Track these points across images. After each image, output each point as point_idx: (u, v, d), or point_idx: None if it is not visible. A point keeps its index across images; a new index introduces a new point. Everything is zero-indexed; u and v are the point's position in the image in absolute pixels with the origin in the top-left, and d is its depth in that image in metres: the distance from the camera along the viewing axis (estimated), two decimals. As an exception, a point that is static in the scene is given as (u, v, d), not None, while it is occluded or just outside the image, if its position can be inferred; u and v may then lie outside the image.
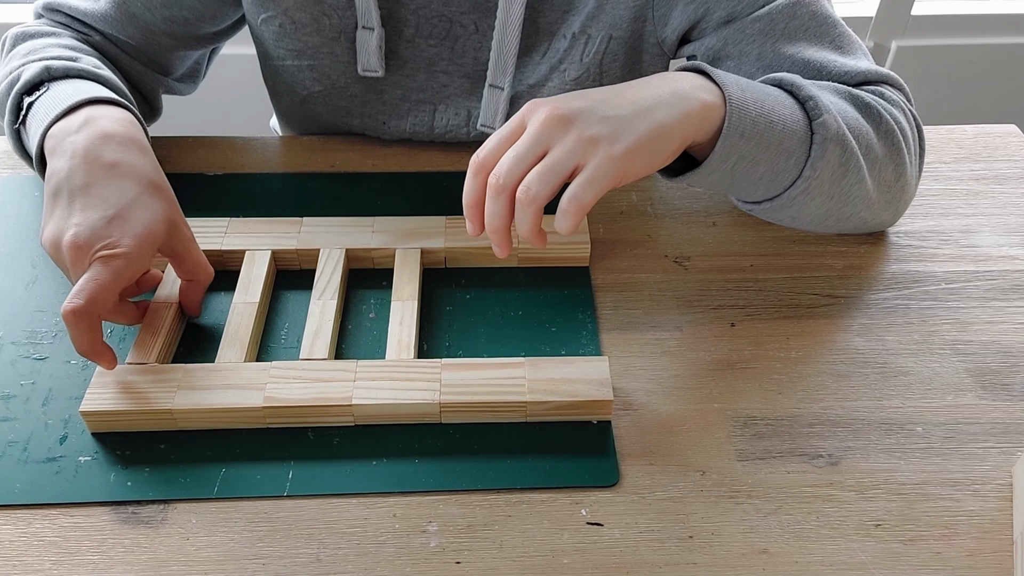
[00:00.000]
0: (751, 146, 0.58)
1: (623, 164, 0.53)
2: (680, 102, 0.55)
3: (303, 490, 0.55)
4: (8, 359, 0.63)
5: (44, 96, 0.66)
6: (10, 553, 0.52)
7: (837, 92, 0.65)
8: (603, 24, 0.73)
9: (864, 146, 0.63)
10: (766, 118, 0.58)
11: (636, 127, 0.53)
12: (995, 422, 0.60)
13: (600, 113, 0.53)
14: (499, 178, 0.53)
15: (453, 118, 0.80)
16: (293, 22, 0.75)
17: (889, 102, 0.68)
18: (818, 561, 0.52)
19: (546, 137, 0.52)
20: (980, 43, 1.67)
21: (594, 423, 0.59)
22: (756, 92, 0.59)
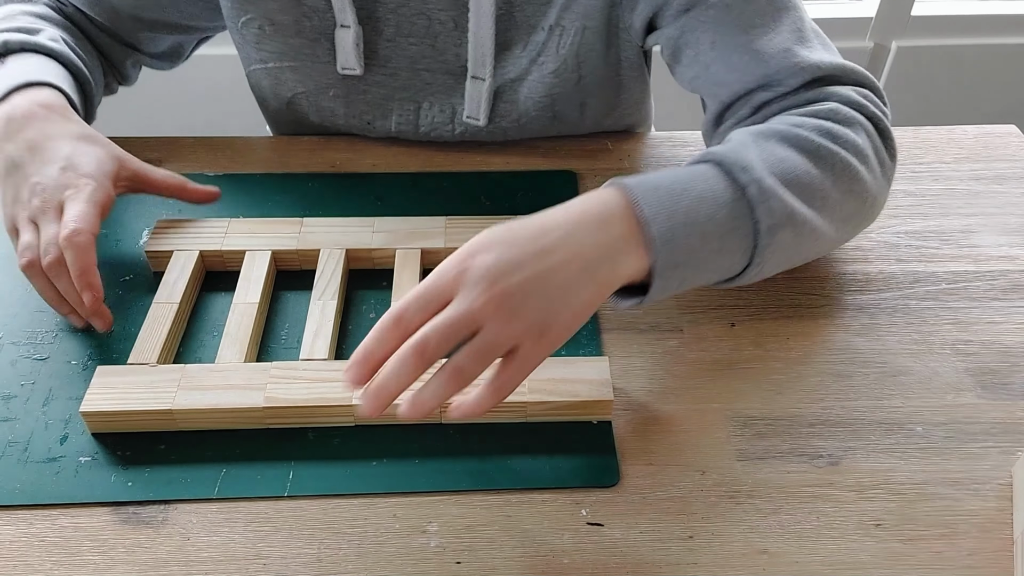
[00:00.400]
0: (690, 269, 0.55)
1: (551, 349, 0.52)
2: (608, 272, 0.53)
3: (303, 490, 0.55)
4: (8, 359, 0.63)
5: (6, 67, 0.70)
6: (10, 553, 0.52)
7: (783, 139, 0.60)
8: (576, 15, 0.73)
9: (818, 200, 0.59)
10: (700, 237, 0.54)
11: (566, 313, 0.52)
12: (995, 422, 0.60)
13: (535, 300, 0.50)
14: (426, 347, 0.49)
15: (438, 115, 0.80)
16: (273, 24, 0.76)
17: (844, 122, 0.63)
18: (818, 561, 0.52)
19: (481, 318, 0.49)
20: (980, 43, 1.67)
21: (594, 423, 0.59)
22: (686, 209, 0.54)
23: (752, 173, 0.56)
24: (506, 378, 0.51)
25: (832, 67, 0.66)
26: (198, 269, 0.68)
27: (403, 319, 0.50)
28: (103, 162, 0.65)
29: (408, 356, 0.49)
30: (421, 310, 0.50)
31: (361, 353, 0.50)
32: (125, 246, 0.72)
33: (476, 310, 0.49)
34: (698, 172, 0.57)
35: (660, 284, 0.54)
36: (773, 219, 0.56)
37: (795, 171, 0.58)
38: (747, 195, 0.56)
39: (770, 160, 0.58)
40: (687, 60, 0.71)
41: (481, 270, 0.50)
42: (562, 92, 0.77)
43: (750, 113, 0.69)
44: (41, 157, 0.63)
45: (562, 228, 0.53)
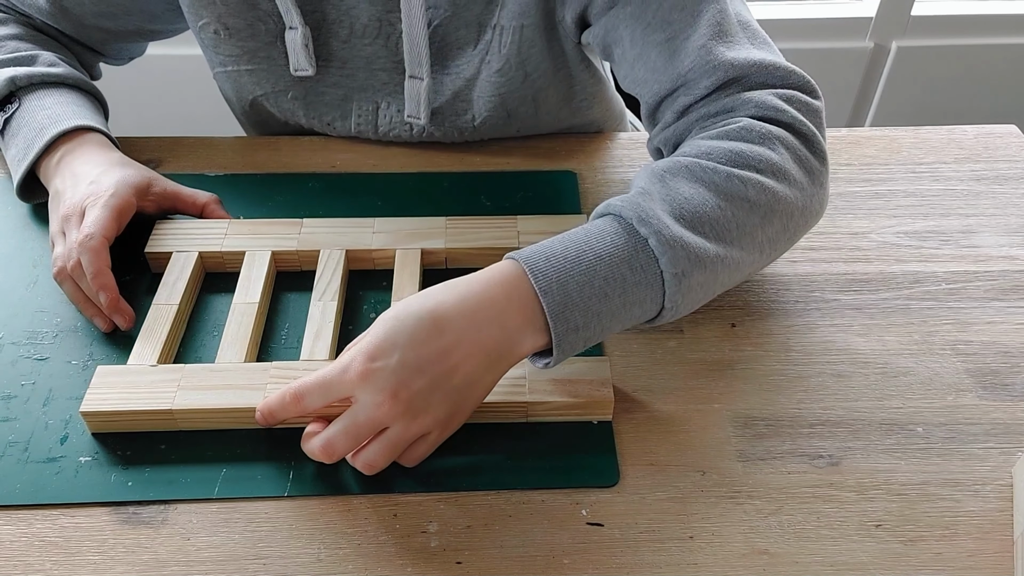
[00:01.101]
0: (594, 328, 0.55)
1: (457, 427, 0.56)
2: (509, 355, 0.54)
3: (304, 490, 0.55)
4: (8, 359, 0.63)
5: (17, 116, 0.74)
6: (11, 553, 0.52)
7: (690, 175, 0.59)
8: (513, 13, 0.73)
9: (732, 234, 0.58)
10: (599, 298, 0.54)
11: (470, 401, 0.55)
12: (995, 422, 0.60)
13: (438, 398, 0.53)
14: (332, 450, 0.53)
15: (395, 115, 0.81)
16: (227, 28, 0.76)
17: (758, 140, 0.61)
18: (818, 561, 0.52)
19: (388, 421, 0.53)
20: (980, 43, 1.67)
21: (594, 423, 0.59)
22: (582, 274, 0.54)
23: (652, 224, 0.55)
24: (418, 454, 0.55)
25: (748, 65, 0.64)
26: (197, 270, 0.68)
27: (303, 399, 0.54)
28: (128, 176, 0.69)
29: (317, 453, 0.54)
30: (323, 398, 0.54)
31: (267, 407, 0.56)
32: (125, 247, 0.72)
33: (383, 415, 0.52)
34: (595, 231, 0.56)
35: (561, 349, 0.54)
36: (678, 267, 0.55)
37: (702, 210, 0.57)
38: (648, 246, 0.55)
39: (675, 202, 0.57)
40: (616, 58, 0.70)
41: (384, 376, 0.52)
42: (509, 90, 0.77)
43: (674, 118, 0.67)
44: (75, 181, 0.69)
45: (461, 321, 0.53)
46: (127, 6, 0.79)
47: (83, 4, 0.78)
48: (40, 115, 0.73)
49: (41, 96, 0.74)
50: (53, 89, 0.75)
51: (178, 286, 0.66)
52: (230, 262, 0.69)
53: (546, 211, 0.74)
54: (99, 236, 0.64)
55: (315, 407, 0.54)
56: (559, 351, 0.54)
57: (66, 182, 0.69)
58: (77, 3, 0.78)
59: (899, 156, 0.83)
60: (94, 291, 0.64)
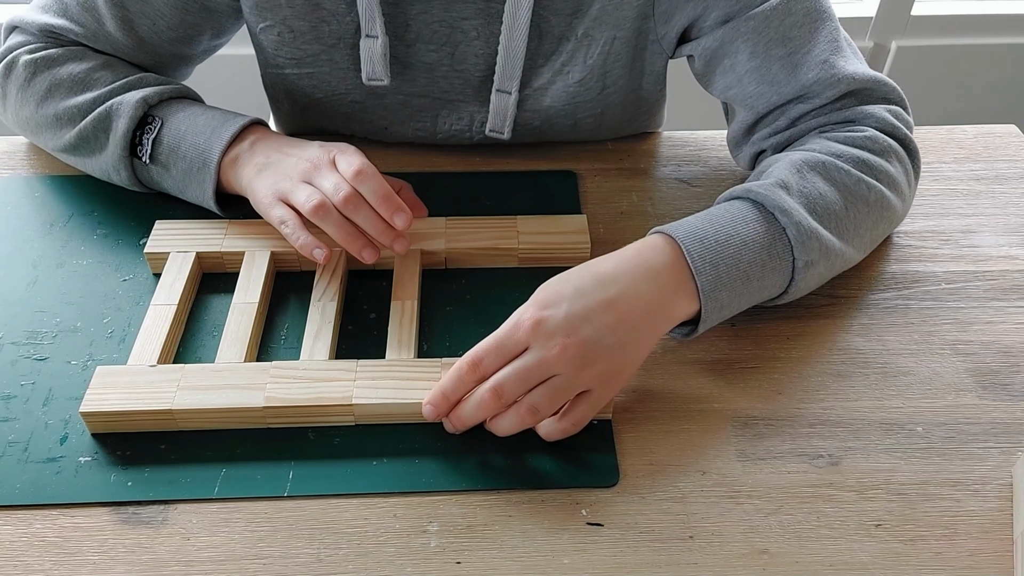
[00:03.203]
0: (732, 307, 0.61)
1: (619, 389, 0.58)
2: (663, 320, 0.58)
3: (303, 490, 0.55)
4: (8, 359, 0.63)
5: (167, 130, 0.71)
6: (10, 553, 0.52)
7: (823, 173, 0.64)
8: (607, 25, 0.73)
9: (851, 233, 0.64)
10: (743, 280, 0.60)
11: (632, 358, 0.57)
12: (995, 422, 0.60)
13: (604, 350, 0.55)
14: (501, 392, 0.55)
15: (456, 123, 0.80)
16: (291, 31, 0.75)
17: (880, 152, 0.67)
18: (818, 561, 0.52)
19: (557, 367, 0.54)
20: (980, 43, 1.67)
21: (594, 423, 0.59)
22: (731, 257, 0.59)
23: (791, 216, 0.61)
24: (581, 415, 0.56)
25: (866, 80, 0.69)
26: (195, 270, 0.68)
27: (480, 365, 0.55)
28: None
29: (487, 397, 0.55)
30: (499, 359, 0.55)
31: (440, 392, 0.56)
32: (125, 247, 0.72)
33: (553, 359, 0.54)
34: (739, 215, 0.61)
35: (706, 324, 0.60)
36: (809, 256, 0.61)
37: (832, 208, 0.63)
38: (787, 236, 0.61)
39: (810, 196, 0.63)
40: (722, 70, 0.72)
41: (555, 323, 0.55)
42: (584, 101, 0.77)
43: (786, 125, 0.71)
44: (289, 152, 0.69)
45: (623, 279, 0.57)
46: (200, 25, 0.77)
47: (159, 32, 0.75)
48: (199, 121, 0.71)
49: (181, 107, 0.73)
50: (185, 100, 0.74)
51: (176, 286, 0.66)
52: (229, 262, 0.69)
53: (546, 211, 0.74)
54: (371, 167, 0.65)
55: (493, 369, 0.55)
56: (704, 325, 0.60)
57: (271, 155, 0.69)
58: (153, 32, 0.75)
59: (899, 156, 0.83)
60: (378, 218, 0.64)
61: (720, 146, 0.84)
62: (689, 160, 0.82)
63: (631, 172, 0.81)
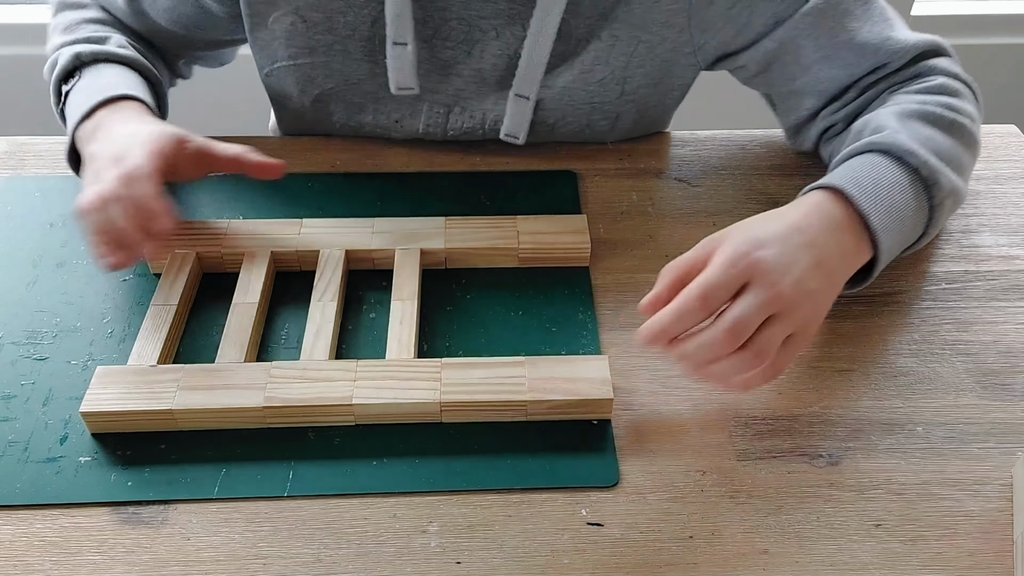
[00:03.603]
0: (895, 252, 0.64)
1: (813, 335, 0.59)
2: (845, 269, 0.61)
3: (303, 490, 0.55)
4: (8, 359, 0.63)
5: (75, 87, 0.73)
6: (10, 553, 0.52)
7: (922, 118, 0.67)
8: (633, 27, 0.73)
9: (961, 168, 0.68)
10: (900, 221, 0.62)
11: (824, 304, 0.58)
12: (995, 422, 0.60)
13: (809, 289, 0.56)
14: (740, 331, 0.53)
15: (468, 120, 0.80)
16: (304, 20, 0.75)
17: (955, 93, 0.70)
18: (818, 561, 0.52)
19: (777, 306, 0.54)
20: (980, 43, 1.67)
21: (594, 423, 0.59)
22: (888, 201, 0.62)
23: (919, 156, 0.63)
24: (785, 360, 0.56)
25: (925, 43, 0.73)
26: (195, 270, 0.68)
27: (709, 300, 0.54)
28: (163, 133, 0.66)
29: (724, 337, 0.53)
30: (727, 291, 0.54)
31: (660, 327, 0.54)
32: (125, 246, 0.72)
33: (772, 299, 0.54)
34: (876, 163, 0.63)
35: (878, 268, 0.63)
36: (943, 193, 0.64)
37: (943, 147, 0.66)
38: (920, 176, 0.63)
39: (922, 139, 0.65)
40: (782, 65, 0.75)
41: (771, 263, 0.55)
42: (602, 103, 0.77)
43: (856, 95, 0.74)
44: (110, 140, 0.67)
45: (812, 228, 0.59)
46: (193, 17, 0.78)
47: (157, 10, 0.78)
48: (94, 85, 0.73)
49: (100, 70, 0.74)
50: (116, 66, 0.75)
51: (176, 287, 0.66)
52: (229, 262, 0.69)
53: (546, 211, 0.74)
54: (147, 167, 0.62)
55: (720, 302, 0.54)
56: (877, 270, 0.63)
57: (101, 143, 0.68)
58: (151, 6, 0.78)
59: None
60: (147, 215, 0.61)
61: (721, 146, 0.84)
62: (690, 160, 0.82)
63: (631, 172, 0.81)
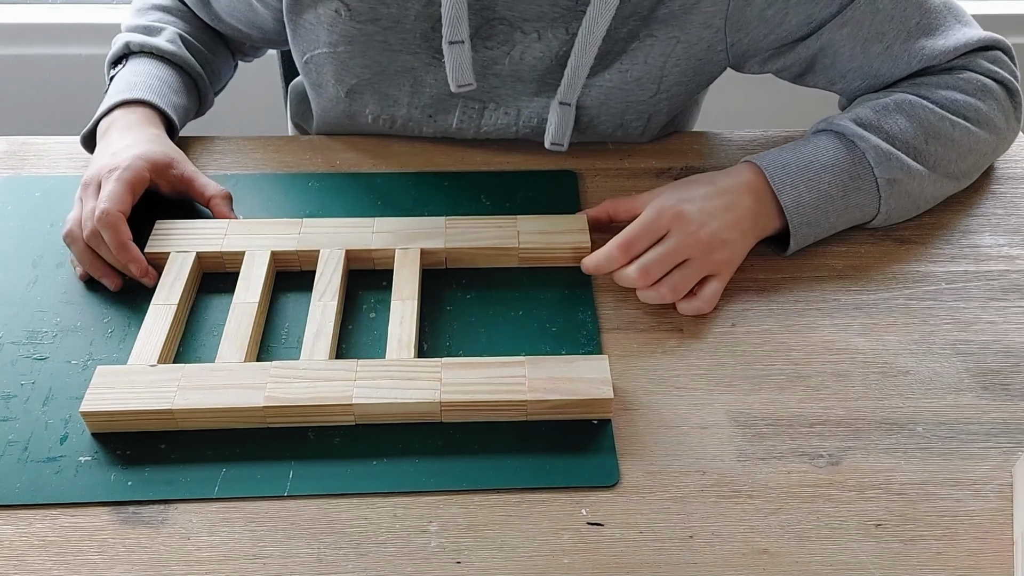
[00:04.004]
0: (823, 225, 0.71)
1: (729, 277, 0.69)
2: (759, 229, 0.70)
3: (303, 490, 0.55)
4: (8, 359, 0.63)
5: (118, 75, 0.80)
6: (10, 553, 0.52)
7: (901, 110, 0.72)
8: (672, 27, 0.73)
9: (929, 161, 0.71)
10: (826, 199, 0.70)
11: (738, 253, 0.69)
12: (995, 422, 0.60)
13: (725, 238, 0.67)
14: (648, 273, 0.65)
15: (502, 118, 0.80)
16: (348, 9, 0.75)
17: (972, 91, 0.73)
18: (818, 561, 0.52)
19: (692, 250, 0.66)
20: (980, 43, 1.67)
21: (594, 423, 0.59)
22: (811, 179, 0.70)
23: (869, 140, 0.70)
24: (712, 294, 0.67)
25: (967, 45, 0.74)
26: (195, 270, 0.68)
27: (631, 247, 0.66)
28: (149, 152, 0.71)
29: (635, 277, 0.66)
30: (647, 240, 0.66)
31: (594, 264, 0.67)
32: (125, 246, 0.72)
33: (688, 244, 0.66)
34: (820, 144, 0.71)
35: (797, 239, 0.70)
36: (891, 174, 0.70)
37: (910, 141, 0.71)
38: (866, 158, 0.70)
39: (888, 131, 0.71)
40: (821, 69, 0.77)
41: (691, 214, 0.67)
42: (637, 101, 0.77)
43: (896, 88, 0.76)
44: (104, 151, 0.72)
45: (732, 192, 0.69)
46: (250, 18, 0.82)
47: (220, 3, 0.83)
48: (128, 80, 0.78)
49: (141, 64, 0.79)
50: (155, 61, 0.80)
51: (176, 286, 0.66)
52: (230, 262, 0.69)
53: (546, 211, 0.74)
54: (114, 211, 0.66)
55: (641, 250, 0.66)
56: (795, 241, 0.70)
57: (99, 150, 0.73)
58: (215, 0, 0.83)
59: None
60: (120, 263, 0.67)
61: (721, 146, 0.84)
62: (690, 160, 0.82)
63: (631, 172, 0.81)
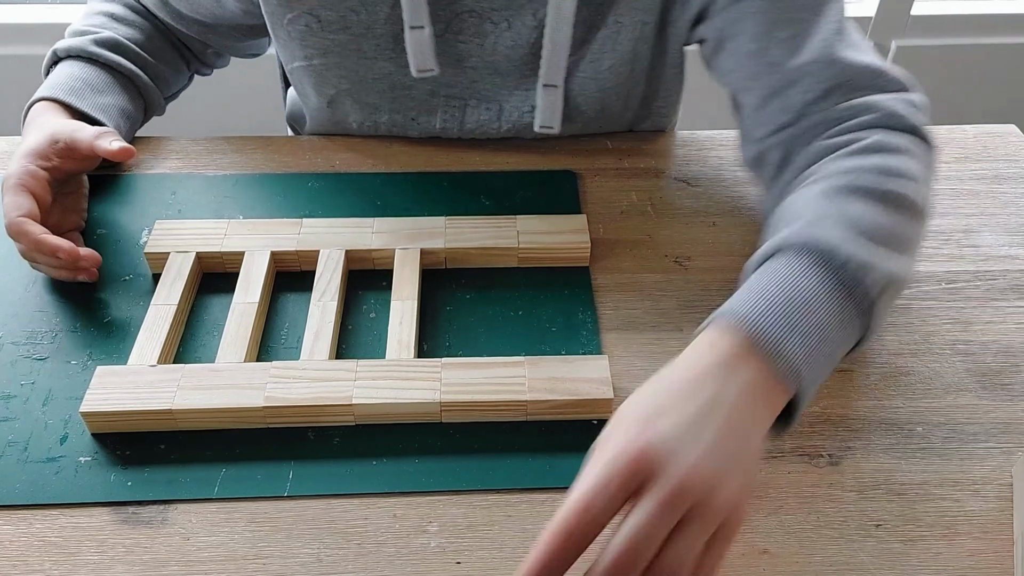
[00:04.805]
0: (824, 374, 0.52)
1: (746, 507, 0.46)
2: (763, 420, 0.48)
3: (303, 490, 0.55)
4: (8, 359, 0.63)
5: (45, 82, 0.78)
6: (10, 553, 0.52)
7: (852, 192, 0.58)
8: (637, 10, 0.73)
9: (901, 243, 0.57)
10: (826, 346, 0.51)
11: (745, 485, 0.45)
12: (995, 422, 0.60)
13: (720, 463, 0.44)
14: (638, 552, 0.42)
15: (484, 113, 0.80)
16: (319, 20, 0.75)
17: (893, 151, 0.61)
18: (818, 561, 0.52)
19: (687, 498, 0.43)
20: (980, 43, 1.67)
21: (594, 423, 0.59)
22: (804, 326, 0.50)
23: (840, 253, 0.53)
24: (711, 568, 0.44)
25: (863, 68, 0.65)
26: (195, 270, 0.68)
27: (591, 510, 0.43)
28: (30, 144, 0.70)
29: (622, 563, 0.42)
30: (612, 500, 0.43)
31: (538, 563, 0.43)
32: (125, 247, 0.72)
33: (678, 495, 0.42)
34: (790, 271, 0.53)
35: (805, 402, 0.51)
36: (876, 289, 0.53)
37: (878, 222, 0.56)
38: (846, 278, 0.52)
39: (849, 222, 0.55)
40: (728, 51, 0.70)
41: (664, 447, 0.43)
42: (614, 86, 0.78)
43: (791, 120, 0.67)
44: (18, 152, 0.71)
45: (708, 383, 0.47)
46: (215, 12, 0.81)
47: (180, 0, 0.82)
48: (45, 85, 0.77)
49: (65, 67, 0.78)
50: (80, 63, 0.78)
51: (176, 286, 0.66)
52: (229, 262, 0.69)
53: (546, 211, 0.74)
54: (13, 220, 0.65)
55: (608, 516, 0.43)
56: (805, 401, 0.50)
57: None
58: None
59: (899, 156, 0.83)
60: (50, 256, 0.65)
61: (720, 146, 0.84)
62: (689, 160, 0.82)
63: (631, 172, 0.81)
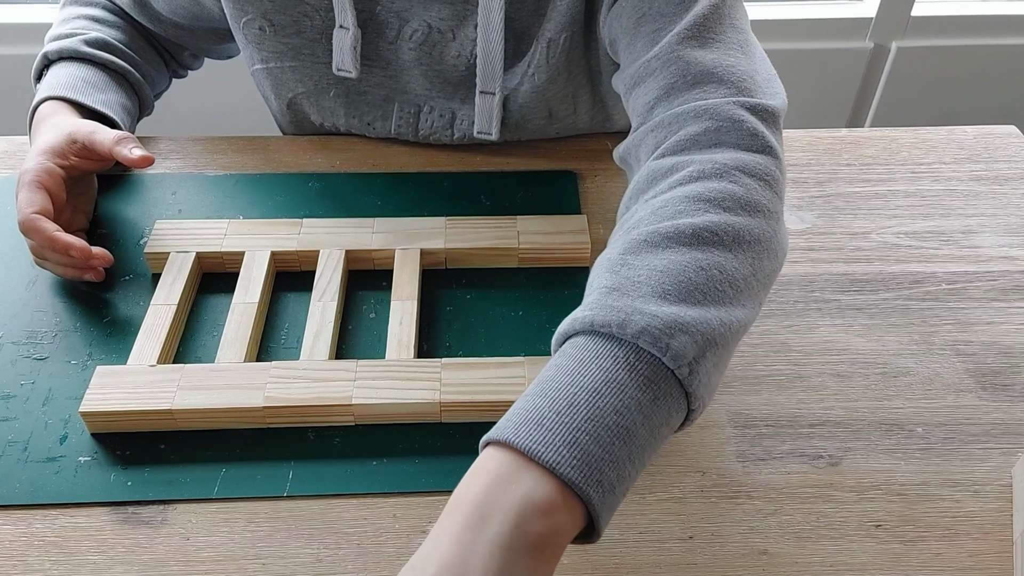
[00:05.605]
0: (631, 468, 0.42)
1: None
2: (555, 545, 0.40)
3: (303, 490, 0.55)
4: (8, 359, 0.63)
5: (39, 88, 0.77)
6: (10, 553, 0.52)
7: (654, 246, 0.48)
8: (563, 26, 0.73)
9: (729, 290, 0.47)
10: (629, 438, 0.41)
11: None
12: (995, 423, 0.60)
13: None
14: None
15: (437, 120, 0.81)
16: (272, 24, 0.76)
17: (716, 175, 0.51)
18: (818, 562, 0.52)
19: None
20: (980, 43, 1.67)
21: (594, 423, 0.59)
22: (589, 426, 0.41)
23: (634, 323, 0.43)
24: None
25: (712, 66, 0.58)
26: (195, 271, 0.68)
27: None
28: (47, 142, 0.70)
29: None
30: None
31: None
32: (125, 247, 0.72)
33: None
34: (578, 361, 0.43)
35: (606, 516, 0.41)
36: (687, 357, 0.43)
37: (685, 276, 0.46)
38: (644, 353, 0.43)
39: (651, 281, 0.46)
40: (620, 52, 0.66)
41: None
42: (554, 94, 0.78)
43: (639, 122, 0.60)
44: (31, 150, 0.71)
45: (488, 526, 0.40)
46: (195, 12, 0.81)
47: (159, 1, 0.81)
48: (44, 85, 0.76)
49: (61, 68, 0.78)
50: (75, 63, 0.78)
51: (176, 286, 0.66)
52: (229, 262, 0.69)
53: (546, 211, 0.74)
54: (28, 216, 0.65)
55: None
56: (605, 515, 0.41)
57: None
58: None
59: (899, 156, 0.83)
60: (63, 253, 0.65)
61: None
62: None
63: (631, 172, 0.81)
